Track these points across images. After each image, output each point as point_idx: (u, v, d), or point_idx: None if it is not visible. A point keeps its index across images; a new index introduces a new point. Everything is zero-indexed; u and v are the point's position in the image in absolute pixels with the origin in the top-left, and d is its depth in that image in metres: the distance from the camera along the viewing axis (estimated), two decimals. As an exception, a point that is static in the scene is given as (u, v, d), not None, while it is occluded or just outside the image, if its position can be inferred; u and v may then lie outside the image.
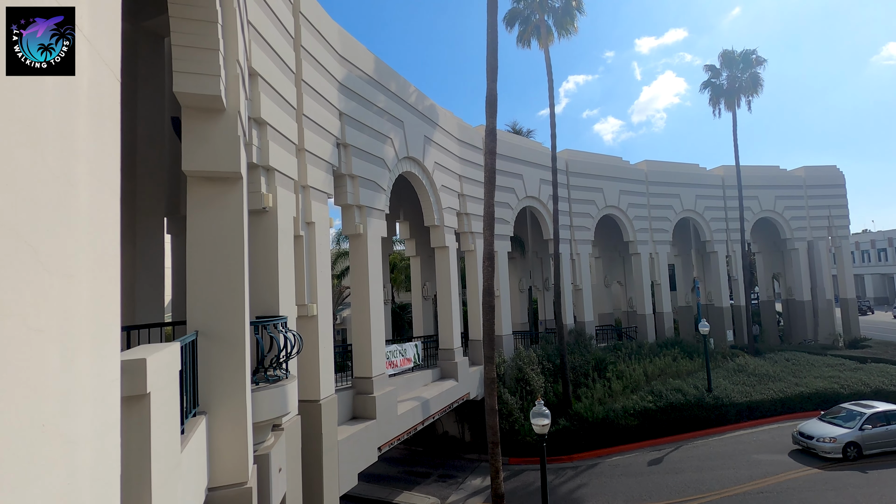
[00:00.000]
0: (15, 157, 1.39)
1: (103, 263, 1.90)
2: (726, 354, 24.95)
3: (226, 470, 5.51)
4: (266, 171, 8.25)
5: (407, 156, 14.81)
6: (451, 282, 17.07)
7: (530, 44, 22.98)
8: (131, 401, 3.06)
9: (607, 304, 31.58)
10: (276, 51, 8.55)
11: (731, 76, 28.62)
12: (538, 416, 10.36)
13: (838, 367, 23.62)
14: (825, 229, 32.63)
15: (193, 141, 5.63)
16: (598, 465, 16.73)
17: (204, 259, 5.70)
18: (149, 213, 9.08)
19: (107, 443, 1.98)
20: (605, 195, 26.61)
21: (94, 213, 1.81)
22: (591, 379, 20.53)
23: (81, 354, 1.72)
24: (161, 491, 3.26)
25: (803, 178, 32.72)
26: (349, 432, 10.92)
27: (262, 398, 6.57)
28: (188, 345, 4.89)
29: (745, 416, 19.94)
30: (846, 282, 32.58)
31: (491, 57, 13.58)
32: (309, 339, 9.70)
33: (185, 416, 4.49)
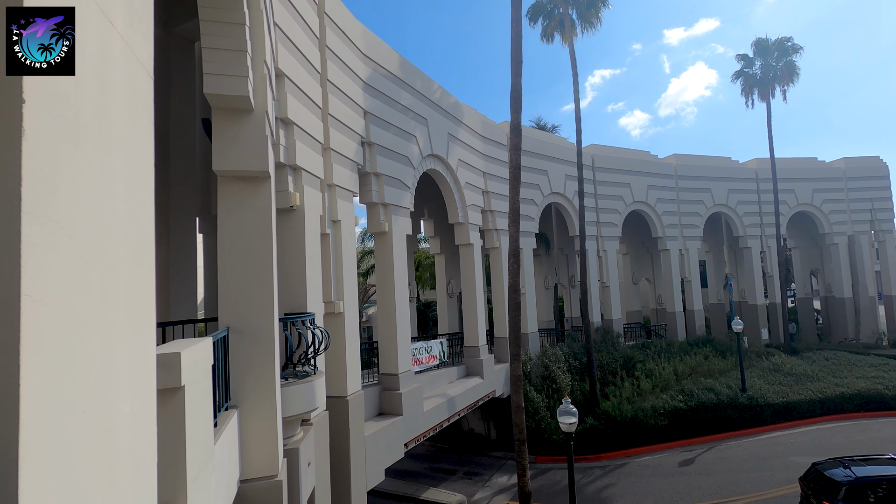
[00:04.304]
0: (57, 151, 1.44)
1: (139, 256, 1.96)
2: (761, 353, 24.14)
3: (257, 463, 5.62)
4: (293, 170, 8.38)
5: (431, 153, 14.82)
6: (476, 279, 17.02)
7: (554, 38, 22.72)
8: (166, 393, 3.14)
9: (635, 302, 30.96)
10: (302, 51, 8.66)
11: (764, 65, 27.64)
12: (565, 415, 10.24)
13: (882, 367, 22.55)
14: (867, 223, 31.16)
15: (223, 141, 5.76)
16: (626, 465, 16.43)
17: (234, 257, 5.83)
18: (181, 213, 9.34)
19: (144, 432, 2.04)
20: (632, 190, 26.07)
21: (130, 207, 1.87)
22: (619, 377, 20.17)
23: (120, 344, 1.77)
24: (195, 482, 3.34)
25: (843, 170, 31.32)
26: (376, 428, 11.01)
27: (291, 393, 6.67)
28: (220, 340, 5.01)
29: (782, 416, 19.24)
30: (891, 278, 31.03)
31: (515, 51, 13.45)
32: (336, 335, 9.82)
33: (217, 410, 4.60)
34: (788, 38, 27.32)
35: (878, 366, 22.81)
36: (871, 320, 30.42)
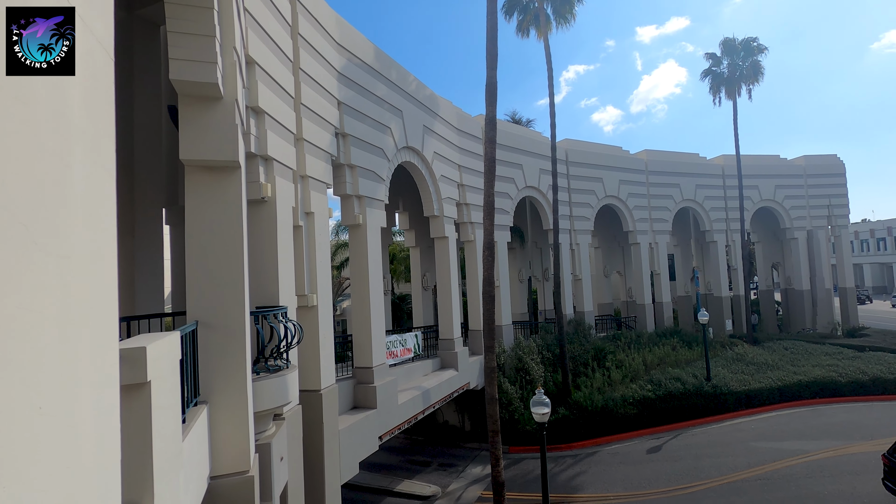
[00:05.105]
0: (7, 133, 1.36)
1: (100, 246, 1.87)
2: (725, 343, 25.05)
3: (228, 459, 5.53)
4: (264, 160, 8.19)
5: (406, 146, 14.72)
6: (451, 272, 17.06)
7: (529, 33, 22.81)
8: (132, 389, 3.04)
9: (607, 294, 31.63)
10: (274, 38, 8.45)
11: (731, 64, 28.42)
12: (538, 405, 10.40)
13: (836, 356, 23.72)
14: (825, 218, 32.60)
15: (191, 130, 5.57)
16: (597, 453, 16.84)
17: (203, 249, 5.67)
18: (147, 204, 9.04)
19: (107, 429, 1.96)
20: (604, 185, 26.54)
21: (89, 194, 1.78)
22: (591, 368, 20.60)
23: (79, 337, 1.69)
24: (163, 478, 3.26)
25: (803, 168, 32.62)
26: (350, 422, 10.96)
27: (262, 388, 6.57)
28: (188, 335, 4.88)
29: (744, 404, 20.05)
30: (845, 271, 32.62)
31: (491, 45, 13.44)
32: (309, 329, 9.70)
33: (186, 406, 4.49)
34: (754, 39, 28.15)
35: (832, 354, 23.99)
36: (826, 311, 31.92)
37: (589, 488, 14.16)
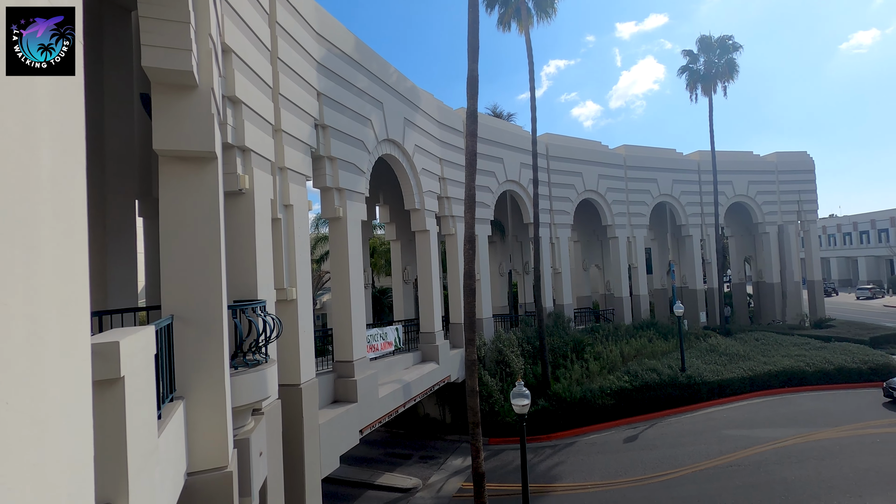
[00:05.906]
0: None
1: (69, 236, 1.81)
2: (699, 335, 25.69)
3: (205, 454, 5.44)
4: (242, 151, 8.02)
5: (387, 138, 14.60)
6: (432, 265, 17.05)
7: (510, 27, 22.79)
8: (105, 385, 2.96)
9: (585, 288, 32.08)
10: (251, 26, 8.26)
11: (707, 61, 28.96)
12: (518, 397, 10.50)
13: (804, 346, 24.59)
14: (795, 213, 33.62)
15: (164, 119, 5.41)
16: (575, 443, 17.14)
17: (178, 242, 5.53)
18: (119, 195, 8.75)
19: (79, 426, 1.91)
20: (584, 179, 26.82)
21: (57, 182, 1.71)
22: (570, 360, 20.91)
23: (48, 330, 1.63)
24: (138, 476, 3.19)
25: (775, 164, 33.54)
26: (330, 416, 10.90)
27: (241, 383, 6.48)
28: (163, 329, 4.77)
29: (717, 393, 20.64)
30: (813, 265, 33.76)
31: (472, 37, 13.39)
32: (289, 323, 9.59)
33: (161, 401, 4.40)
34: (730, 37, 28.72)
35: (800, 345, 24.86)
36: (795, 303, 33.02)
37: (568, 478, 14.41)
